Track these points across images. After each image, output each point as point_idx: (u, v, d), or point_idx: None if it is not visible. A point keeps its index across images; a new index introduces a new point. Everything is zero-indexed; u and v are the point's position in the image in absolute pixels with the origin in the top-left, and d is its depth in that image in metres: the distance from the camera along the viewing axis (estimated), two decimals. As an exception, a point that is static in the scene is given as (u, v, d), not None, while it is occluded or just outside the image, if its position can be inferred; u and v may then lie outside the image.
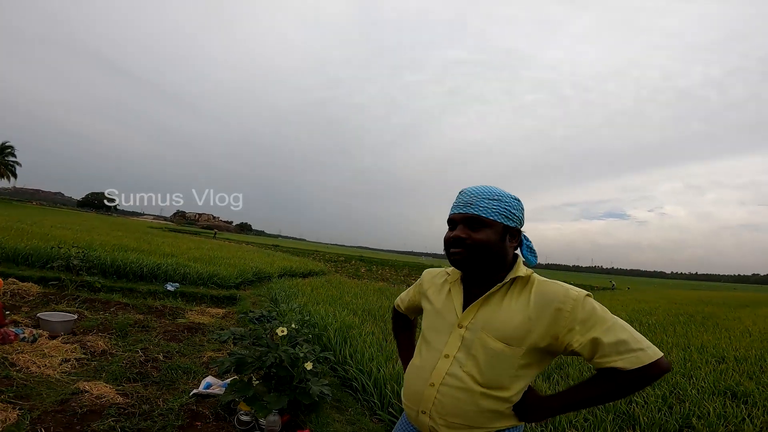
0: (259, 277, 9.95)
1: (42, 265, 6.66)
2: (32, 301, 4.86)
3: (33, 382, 2.68)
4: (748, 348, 5.62)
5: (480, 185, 1.11)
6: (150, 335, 4.11)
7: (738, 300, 19.93)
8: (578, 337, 0.99)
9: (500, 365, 1.04)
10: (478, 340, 1.06)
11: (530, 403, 1.08)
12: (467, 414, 1.05)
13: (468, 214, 1.07)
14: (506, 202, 1.07)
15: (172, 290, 6.69)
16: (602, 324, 0.98)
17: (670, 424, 2.78)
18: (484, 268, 1.08)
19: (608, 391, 1.02)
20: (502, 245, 1.07)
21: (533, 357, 1.05)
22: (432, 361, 1.12)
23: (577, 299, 1.00)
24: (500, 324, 1.05)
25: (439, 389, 1.08)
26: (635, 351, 0.96)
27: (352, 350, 3.95)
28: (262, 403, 2.53)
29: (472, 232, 1.06)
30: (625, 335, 0.98)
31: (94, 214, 67.00)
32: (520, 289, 1.07)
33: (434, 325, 1.17)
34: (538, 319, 1.02)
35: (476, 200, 1.07)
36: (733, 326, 8.25)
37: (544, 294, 1.03)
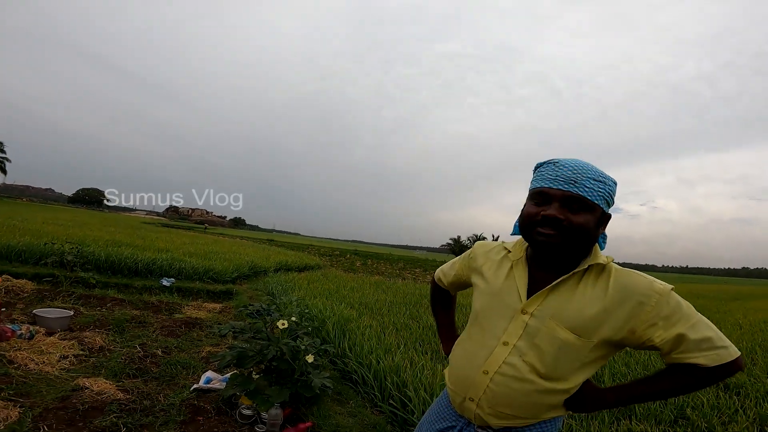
0: (255, 272, 9.92)
1: (35, 262, 6.58)
2: (27, 297, 4.81)
3: (32, 380, 2.66)
4: (739, 340, 5.69)
5: (578, 159, 0.98)
6: (147, 331, 4.09)
7: (728, 293, 20.21)
8: (661, 332, 0.93)
9: (566, 357, 0.97)
10: (545, 329, 0.97)
11: (587, 395, 1.02)
12: (520, 405, 1.00)
13: (571, 193, 0.93)
14: (610, 186, 0.97)
15: (168, 285, 6.66)
16: (687, 320, 0.93)
17: (665, 415, 2.82)
18: (572, 253, 0.97)
19: (678, 386, 0.98)
20: (596, 232, 0.97)
21: (602, 350, 0.98)
22: (488, 348, 1.03)
23: (662, 293, 0.92)
24: (573, 313, 0.96)
25: (493, 378, 1.00)
26: (718, 348, 0.92)
27: (351, 343, 3.97)
28: (264, 396, 2.53)
29: (571, 214, 0.93)
30: (710, 333, 0.93)
31: (86, 210, 66.27)
32: (595, 278, 0.97)
33: (491, 307, 1.06)
34: (615, 312, 0.94)
35: (581, 178, 0.94)
36: (724, 319, 8.37)
37: (625, 285, 0.95)
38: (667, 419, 2.77)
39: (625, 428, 2.54)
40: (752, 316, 9.04)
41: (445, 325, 1.42)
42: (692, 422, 2.72)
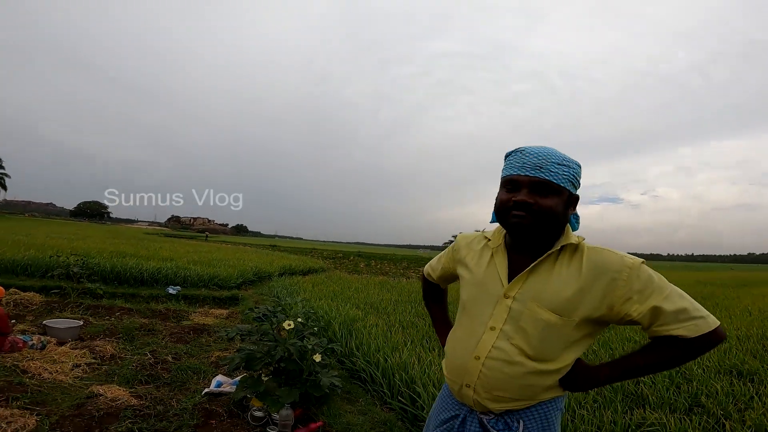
0: (260, 277, 9.98)
1: (42, 275, 6.65)
2: (36, 310, 4.86)
3: (47, 388, 2.70)
4: (749, 327, 5.61)
5: (542, 146, 1.03)
6: (157, 338, 4.13)
7: (736, 279, 19.95)
8: (637, 306, 0.96)
9: (551, 337, 1.00)
10: (527, 312, 1.01)
11: (579, 374, 1.05)
12: (514, 387, 1.02)
13: (538, 178, 0.98)
14: (574, 169, 1.01)
15: (174, 293, 6.71)
16: (661, 292, 0.95)
17: (679, 403, 2.79)
18: (544, 235, 1.02)
19: (664, 359, 1.00)
20: (565, 213, 1.02)
21: (586, 328, 1.02)
22: (477, 334, 1.07)
23: (633, 267, 0.96)
24: (551, 294, 1.00)
25: (485, 363, 1.04)
26: (695, 319, 0.94)
27: (358, 342, 4.00)
28: (274, 397, 2.56)
29: (540, 198, 0.98)
30: (686, 303, 0.95)
31: (88, 223, 66.48)
32: (570, 257, 1.02)
33: (476, 295, 1.11)
34: (591, 290, 0.98)
35: (546, 163, 0.98)
36: (732, 306, 8.24)
37: (597, 263, 0.98)
38: (682, 407, 2.73)
39: (639, 417, 2.50)
40: (761, 303, 8.93)
41: (440, 318, 1.45)
42: (707, 410, 2.67)
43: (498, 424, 1.06)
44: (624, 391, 2.96)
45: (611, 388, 2.95)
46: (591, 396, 2.78)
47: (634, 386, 3.04)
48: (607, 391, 2.88)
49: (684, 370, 3.45)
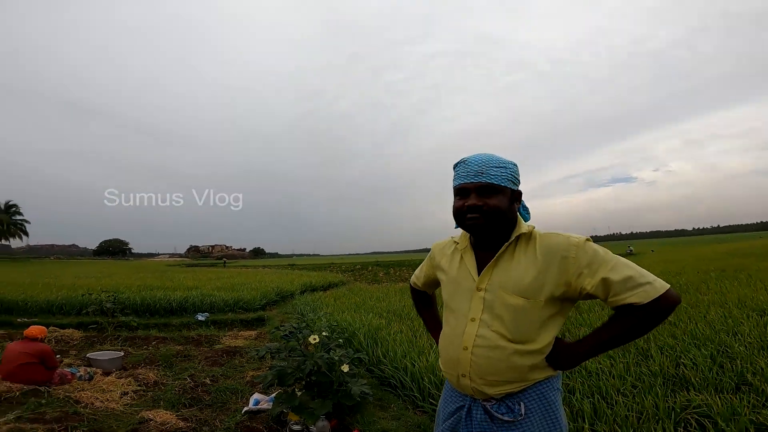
0: (282, 296, 10.14)
1: (77, 312, 6.95)
2: (77, 344, 5.10)
3: (101, 416, 2.87)
4: None
5: (480, 153, 1.18)
6: (193, 363, 4.30)
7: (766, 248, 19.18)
8: (589, 279, 1.06)
9: (524, 319, 1.11)
10: (498, 299, 1.13)
11: (560, 352, 1.14)
12: (503, 370, 1.12)
13: (481, 183, 1.13)
14: (510, 169, 1.16)
15: (203, 320, 6.92)
16: (606, 264, 1.05)
17: (725, 383, 2.70)
18: (497, 231, 1.15)
19: (628, 328, 1.07)
20: (511, 208, 1.16)
21: (554, 306, 1.12)
22: (461, 327, 1.18)
23: (578, 245, 1.08)
24: (515, 280, 1.12)
25: (473, 351, 1.14)
26: (643, 285, 1.02)
27: (384, 350, 4.05)
28: (309, 410, 2.63)
29: (487, 199, 1.12)
30: (630, 272, 1.04)
31: (111, 261, 68.09)
32: (525, 245, 1.15)
33: (454, 293, 1.24)
34: (548, 271, 1.09)
35: (486, 169, 1.13)
36: (765, 277, 7.69)
37: (548, 246, 1.11)
38: (728, 387, 2.65)
39: (684, 399, 2.45)
40: None
41: (431, 321, 1.57)
42: (756, 387, 2.55)
43: (501, 408, 1.14)
44: (664, 374, 2.90)
45: (650, 372, 2.93)
46: (629, 382, 2.75)
47: (674, 369, 2.98)
48: (646, 376, 2.85)
49: (725, 349, 3.34)
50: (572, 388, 2.77)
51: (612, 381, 2.80)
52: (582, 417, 2.32)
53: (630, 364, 3.11)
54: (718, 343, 3.51)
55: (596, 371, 3.03)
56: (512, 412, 1.13)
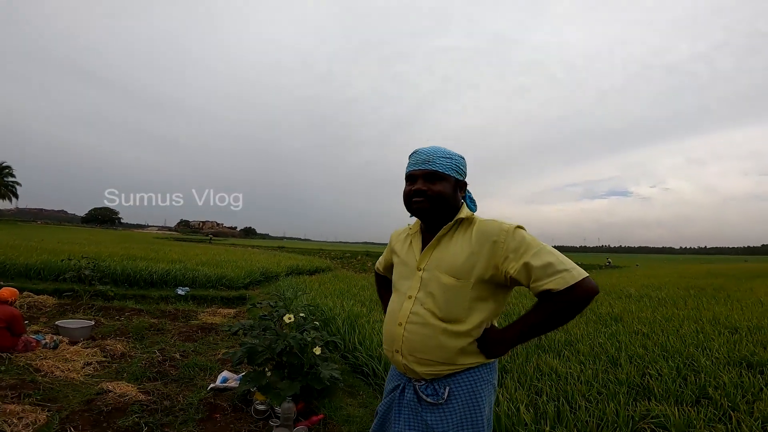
0: (267, 277, 10.09)
1: (54, 278, 6.84)
2: (49, 311, 5.02)
3: (58, 385, 2.81)
4: (761, 318, 5.48)
5: (431, 145, 1.28)
6: (166, 337, 4.24)
7: (749, 271, 19.35)
8: (513, 263, 1.13)
9: (454, 299, 1.17)
10: (433, 278, 1.20)
11: (488, 337, 1.19)
12: (432, 348, 1.17)
13: (428, 170, 1.22)
14: (456, 160, 1.25)
15: (183, 294, 6.85)
16: (530, 250, 1.11)
17: (686, 395, 2.75)
18: (441, 215, 1.24)
19: (548, 315, 1.12)
20: (455, 195, 1.25)
21: (483, 289, 1.18)
22: (399, 304, 1.27)
23: (508, 231, 1.15)
24: (449, 261, 1.20)
25: (406, 327, 1.22)
26: (560, 272, 1.07)
27: (361, 337, 4.04)
28: (276, 391, 2.61)
29: (431, 185, 1.22)
30: (551, 258, 1.10)
31: (99, 229, 67.50)
32: (464, 230, 1.23)
33: (401, 273, 1.33)
34: (479, 253, 1.16)
35: (433, 158, 1.23)
36: (744, 297, 8.06)
37: (482, 230, 1.19)
38: (689, 399, 2.70)
39: (644, 408, 2.48)
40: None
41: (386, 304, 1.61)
42: (715, 401, 2.62)
43: (428, 389, 1.20)
44: (630, 383, 2.94)
45: (616, 380, 2.96)
46: (595, 389, 2.78)
47: (639, 379, 3.02)
48: (612, 383, 2.88)
49: (692, 362, 3.41)
50: (540, 389, 2.78)
51: (579, 386, 2.81)
52: (545, 419, 2.32)
53: (599, 371, 3.13)
54: (686, 356, 3.59)
55: (565, 375, 3.04)
56: (436, 394, 1.18)
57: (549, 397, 2.63)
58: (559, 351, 3.82)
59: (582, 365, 3.27)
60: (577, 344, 4.03)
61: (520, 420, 2.26)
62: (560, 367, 3.18)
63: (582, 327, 4.80)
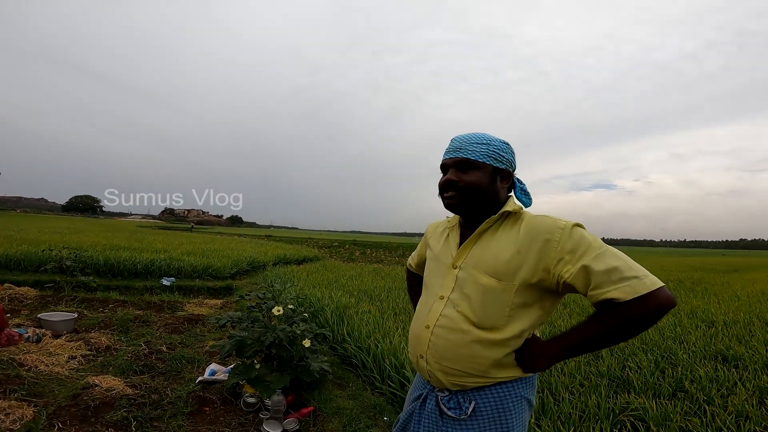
0: (254, 267, 10.03)
1: (35, 269, 6.66)
2: (30, 304, 4.90)
3: (43, 380, 2.76)
4: (736, 312, 5.62)
5: (471, 133, 1.12)
6: (151, 329, 4.20)
7: (727, 265, 19.97)
8: (569, 267, 0.96)
9: (492, 303, 1.02)
10: (470, 278, 1.06)
11: (530, 349, 1.04)
12: (460, 357, 1.04)
13: (458, 158, 1.09)
14: (495, 145, 1.09)
15: (168, 285, 6.76)
16: (592, 251, 0.95)
17: (663, 388, 2.81)
18: (476, 208, 1.10)
19: (610, 329, 0.94)
20: (492, 186, 1.09)
21: (527, 295, 1.02)
22: (429, 304, 1.13)
23: (564, 228, 0.99)
24: (491, 259, 1.04)
25: (434, 331, 1.08)
26: (629, 279, 0.90)
27: (350, 329, 4.06)
28: (266, 384, 2.61)
29: (462, 174, 1.08)
30: (617, 262, 0.93)
31: (81, 217, 65.87)
32: (511, 225, 1.07)
33: (433, 270, 1.19)
34: (528, 252, 1.00)
35: (466, 145, 1.09)
36: (722, 291, 8.23)
37: (533, 226, 1.03)
38: (666, 392, 2.76)
39: (624, 401, 2.53)
40: (750, 288, 8.93)
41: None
42: (691, 395, 2.68)
43: (450, 402, 1.07)
44: (610, 375, 3.01)
45: (598, 372, 3.02)
46: (577, 381, 2.84)
47: (620, 371, 3.09)
48: (594, 376, 2.95)
49: (669, 355, 3.49)
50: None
51: (563, 378, 2.88)
52: (530, 411, 2.38)
53: (581, 363, 3.21)
54: (664, 350, 3.69)
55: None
56: (459, 408, 1.05)
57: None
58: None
59: (565, 357, 3.36)
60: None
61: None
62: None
63: (566, 319, 4.92)
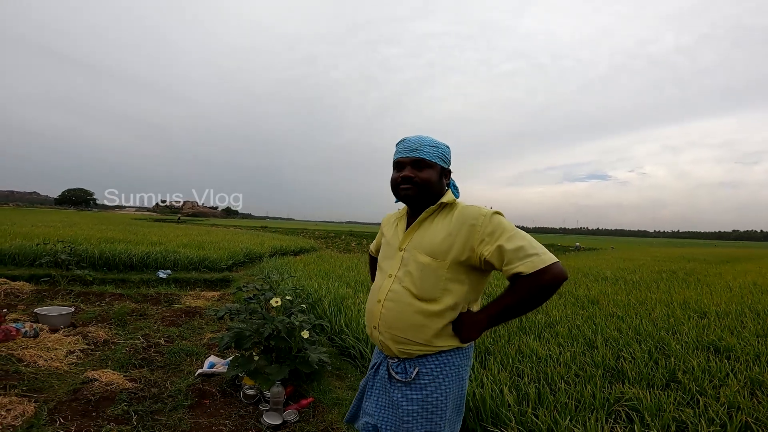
0: (250, 258, 10.02)
1: (30, 263, 6.63)
2: (26, 299, 4.88)
3: (43, 375, 2.77)
4: (728, 303, 5.62)
5: (419, 135, 1.33)
6: (149, 322, 4.20)
7: (719, 256, 20.05)
8: (488, 246, 1.18)
9: (429, 277, 1.23)
10: (412, 257, 1.27)
11: (462, 320, 1.24)
12: (406, 327, 1.23)
13: (415, 158, 1.29)
14: (442, 149, 1.32)
15: (165, 277, 6.76)
16: (505, 234, 1.17)
17: (657, 378, 2.85)
18: (426, 201, 1.30)
19: (518, 298, 1.16)
20: (440, 183, 1.31)
21: (458, 271, 1.23)
22: (380, 282, 1.34)
23: (486, 215, 1.21)
24: (428, 241, 1.26)
25: (384, 304, 1.28)
26: (531, 256, 1.12)
27: (348, 319, 4.08)
28: (265, 375, 2.63)
29: (418, 172, 1.28)
30: (523, 242, 1.15)
31: (74, 211, 65.26)
32: (446, 214, 1.29)
33: (385, 254, 1.40)
34: (457, 235, 1.22)
35: (420, 146, 1.29)
36: (714, 282, 8.27)
37: (462, 214, 1.25)
38: (660, 383, 2.80)
39: (618, 392, 2.58)
40: (742, 279, 8.97)
41: None
42: (684, 386, 2.72)
43: (398, 368, 1.27)
44: (605, 365, 3.05)
45: (593, 362, 3.07)
46: (573, 371, 2.88)
47: (614, 362, 3.13)
48: (589, 366, 2.99)
49: (663, 346, 3.53)
50: (521, 371, 2.88)
51: (558, 368, 2.91)
52: (527, 401, 2.42)
53: (576, 354, 3.25)
54: (657, 340, 3.73)
55: (546, 357, 3.16)
56: (405, 373, 1.24)
57: (530, 379, 2.73)
58: (539, 333, 3.93)
59: (561, 347, 3.39)
60: (556, 326, 4.14)
61: (504, 401, 2.35)
62: (540, 349, 3.29)
63: (561, 309, 4.97)
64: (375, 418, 1.28)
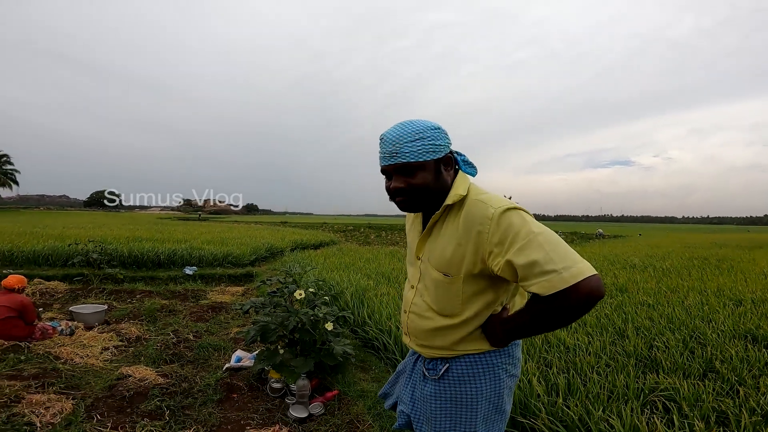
0: (272, 253, 10.16)
1: (63, 263, 6.90)
2: (61, 297, 5.09)
3: (79, 372, 2.87)
4: (764, 290, 5.40)
5: (398, 125, 1.07)
6: (178, 318, 4.32)
7: (752, 241, 19.19)
8: (498, 260, 0.95)
9: (445, 294, 1.09)
10: (427, 272, 1.14)
11: (488, 326, 1.09)
12: (431, 337, 1.16)
13: (397, 164, 1.05)
14: (428, 138, 1.03)
15: (191, 274, 6.92)
16: (516, 243, 0.92)
17: (693, 368, 2.76)
18: (429, 205, 1.10)
19: (539, 318, 0.96)
20: (439, 179, 1.07)
21: (475, 283, 1.05)
22: (406, 292, 1.27)
23: (492, 217, 0.96)
24: (439, 254, 1.08)
25: (409, 316, 1.23)
26: (548, 274, 0.87)
27: (370, 311, 4.09)
28: (290, 368, 2.66)
29: (408, 179, 1.05)
30: (538, 255, 0.88)
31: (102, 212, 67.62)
32: (455, 214, 1.06)
33: (408, 258, 1.29)
34: (466, 244, 1.01)
35: (399, 146, 1.03)
36: (748, 268, 7.94)
37: (468, 215, 1.02)
38: (696, 373, 2.71)
39: (653, 381, 2.50)
40: None
41: None
42: (722, 375, 2.63)
43: (429, 365, 1.20)
44: (637, 355, 2.97)
45: (624, 352, 2.98)
46: (603, 361, 2.80)
47: (647, 351, 3.04)
48: (620, 355, 2.91)
49: (698, 335, 3.42)
50: (549, 362, 2.82)
51: (588, 358, 2.84)
52: (556, 391, 2.37)
53: (606, 343, 3.16)
54: (692, 329, 3.60)
55: (574, 347, 3.09)
56: (435, 370, 1.18)
57: (559, 369, 2.67)
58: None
59: (589, 337, 3.30)
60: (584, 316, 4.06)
61: (533, 392, 2.30)
62: (568, 339, 3.22)
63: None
64: (409, 408, 1.26)
